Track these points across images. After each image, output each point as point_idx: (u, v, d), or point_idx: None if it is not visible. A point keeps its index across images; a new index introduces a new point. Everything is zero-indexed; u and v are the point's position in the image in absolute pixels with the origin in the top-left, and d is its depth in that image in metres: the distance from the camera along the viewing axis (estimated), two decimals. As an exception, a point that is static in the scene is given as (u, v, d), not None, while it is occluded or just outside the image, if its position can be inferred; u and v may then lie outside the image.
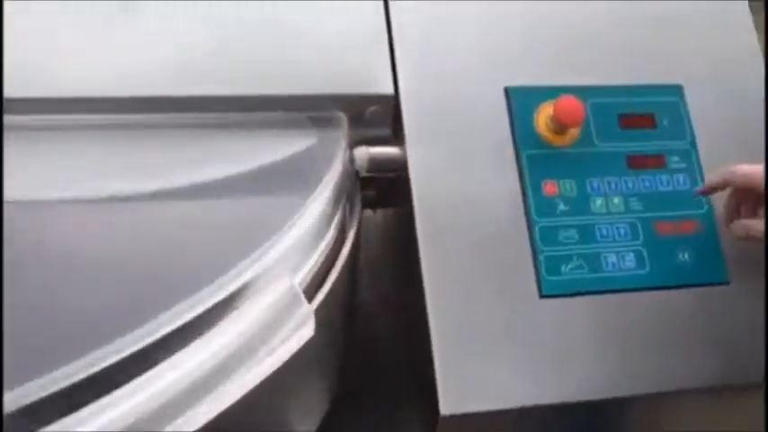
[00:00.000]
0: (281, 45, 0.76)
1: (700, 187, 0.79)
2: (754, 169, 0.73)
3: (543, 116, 0.79)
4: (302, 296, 0.55)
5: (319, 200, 0.69)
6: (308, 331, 0.53)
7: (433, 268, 0.74)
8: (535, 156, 0.78)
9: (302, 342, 0.53)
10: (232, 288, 0.54)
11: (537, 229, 0.76)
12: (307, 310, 0.54)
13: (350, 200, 0.79)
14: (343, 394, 0.92)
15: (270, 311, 0.52)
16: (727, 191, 0.77)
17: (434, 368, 0.71)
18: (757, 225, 0.75)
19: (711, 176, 0.78)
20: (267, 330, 0.52)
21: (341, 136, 0.75)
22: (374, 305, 0.98)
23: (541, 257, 0.75)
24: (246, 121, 0.75)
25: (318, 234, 0.70)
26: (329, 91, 0.76)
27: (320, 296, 0.68)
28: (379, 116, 0.78)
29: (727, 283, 0.79)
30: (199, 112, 0.74)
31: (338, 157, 0.73)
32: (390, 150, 0.78)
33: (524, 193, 0.77)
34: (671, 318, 0.77)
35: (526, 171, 0.78)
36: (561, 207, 0.77)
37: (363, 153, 0.77)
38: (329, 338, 0.79)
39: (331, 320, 0.75)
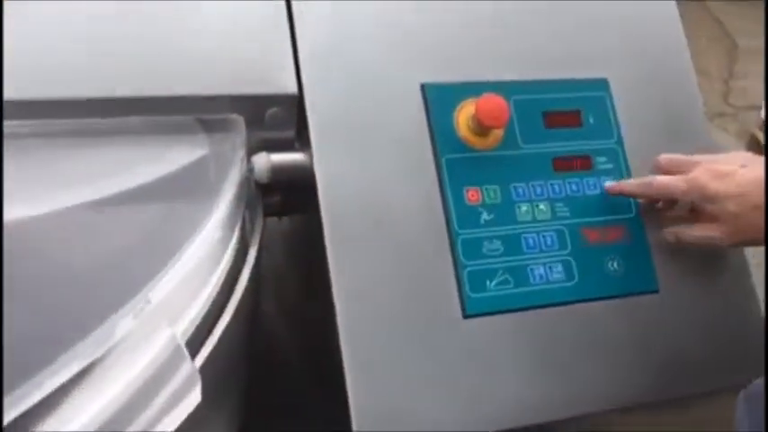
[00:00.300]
0: (169, 40, 0.66)
1: (613, 184, 0.74)
2: (671, 180, 0.70)
3: (464, 116, 0.72)
4: (185, 352, 0.46)
5: (215, 219, 0.60)
6: (193, 398, 0.44)
7: (344, 284, 0.66)
8: (456, 160, 0.71)
9: (188, 412, 0.44)
10: (107, 345, 0.44)
11: (459, 241, 0.69)
12: (190, 371, 0.45)
13: (250, 211, 0.70)
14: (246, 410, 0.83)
15: (148, 372, 0.43)
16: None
17: (347, 394, 0.64)
18: (687, 231, 0.71)
19: (627, 186, 0.74)
20: (144, 397, 0.43)
21: (238, 142, 0.66)
22: (277, 317, 0.90)
23: (464, 273, 0.69)
24: (128, 127, 0.64)
25: (215, 257, 0.61)
26: (224, 91, 0.66)
27: (218, 331, 0.60)
28: (281, 118, 0.69)
29: (656, 291, 0.74)
30: (71, 118, 0.62)
31: (235, 166, 0.64)
32: (294, 157, 0.69)
33: (445, 202, 0.70)
34: (602, 331, 0.72)
35: (446, 177, 0.70)
36: (485, 216, 0.71)
37: (264, 160, 0.68)
38: (233, 366, 0.71)
39: (233, 349, 0.66)
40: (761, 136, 2.51)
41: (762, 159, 0.70)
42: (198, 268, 0.58)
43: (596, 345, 0.71)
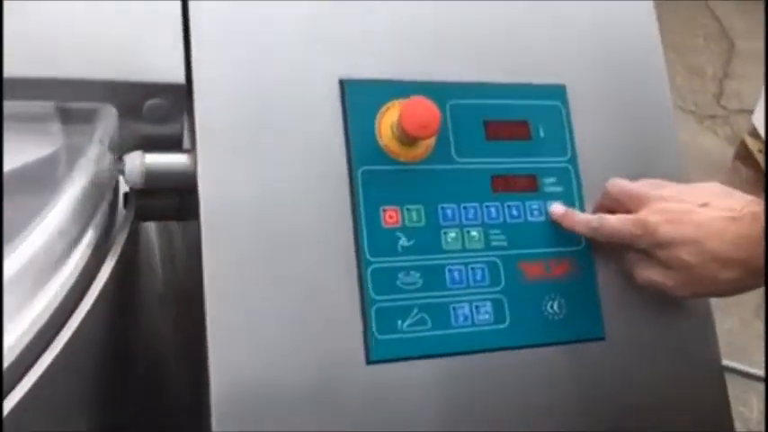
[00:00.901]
0: (30, 15, 0.54)
1: (558, 209, 0.63)
2: (619, 224, 0.60)
3: (388, 120, 0.61)
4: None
5: (44, 227, 0.49)
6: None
7: (221, 315, 0.55)
8: (374, 173, 0.60)
9: None
10: None
11: (369, 271, 0.58)
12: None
13: (114, 218, 0.59)
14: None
15: None
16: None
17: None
18: (641, 270, 0.61)
19: (573, 221, 0.63)
20: None
21: (97, 135, 0.54)
22: (172, 335, 0.78)
23: (373, 310, 0.58)
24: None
25: (47, 269, 0.50)
26: (91, 75, 0.55)
27: (58, 344, 0.49)
28: (163, 111, 0.57)
29: (602, 338, 0.63)
30: None
31: (87, 163, 0.53)
32: (175, 158, 0.58)
33: (356, 223, 0.59)
34: (536, 384, 0.61)
35: (360, 193, 0.59)
36: (403, 242, 0.60)
37: (137, 162, 0.57)
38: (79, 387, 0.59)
39: (82, 361, 0.55)
40: (751, 142, 2.40)
41: (731, 194, 0.59)
42: (18, 283, 0.48)
43: (529, 399, 0.61)
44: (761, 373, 1.85)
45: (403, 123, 0.58)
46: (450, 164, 0.62)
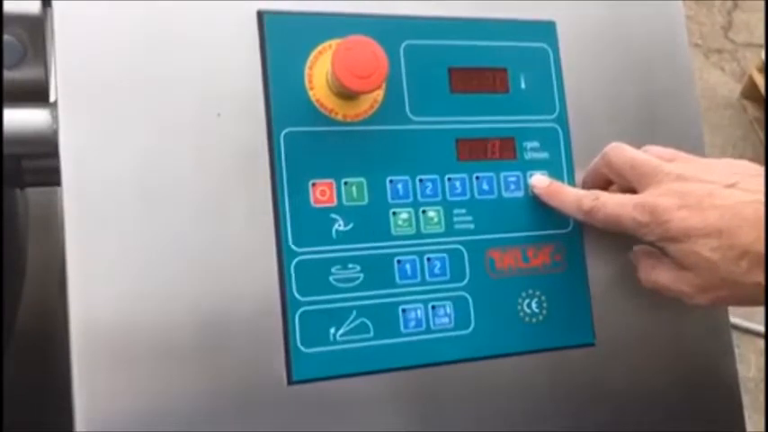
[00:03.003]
0: None
1: (541, 181, 0.50)
2: (617, 207, 0.46)
3: (321, 67, 0.47)
4: None
5: None
6: None
7: (84, 326, 0.42)
8: (301, 136, 0.46)
9: None
10: None
11: (293, 264, 0.45)
12: None
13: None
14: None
15: None
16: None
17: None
18: (650, 268, 0.48)
19: (561, 202, 0.49)
20: None
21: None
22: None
23: (296, 315, 0.45)
24: None
25: None
26: None
27: None
28: (16, 52, 0.43)
29: (591, 344, 0.51)
30: None
31: None
32: (29, 115, 0.44)
33: (276, 202, 0.45)
34: (508, 402, 0.49)
35: (283, 162, 0.46)
36: (339, 226, 0.46)
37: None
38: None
39: None
40: (759, 79, 2.25)
41: (761, 173, 0.45)
42: None
43: (500, 423, 0.48)
44: (760, 328, 1.75)
45: (336, 72, 0.44)
46: (404, 124, 0.48)
